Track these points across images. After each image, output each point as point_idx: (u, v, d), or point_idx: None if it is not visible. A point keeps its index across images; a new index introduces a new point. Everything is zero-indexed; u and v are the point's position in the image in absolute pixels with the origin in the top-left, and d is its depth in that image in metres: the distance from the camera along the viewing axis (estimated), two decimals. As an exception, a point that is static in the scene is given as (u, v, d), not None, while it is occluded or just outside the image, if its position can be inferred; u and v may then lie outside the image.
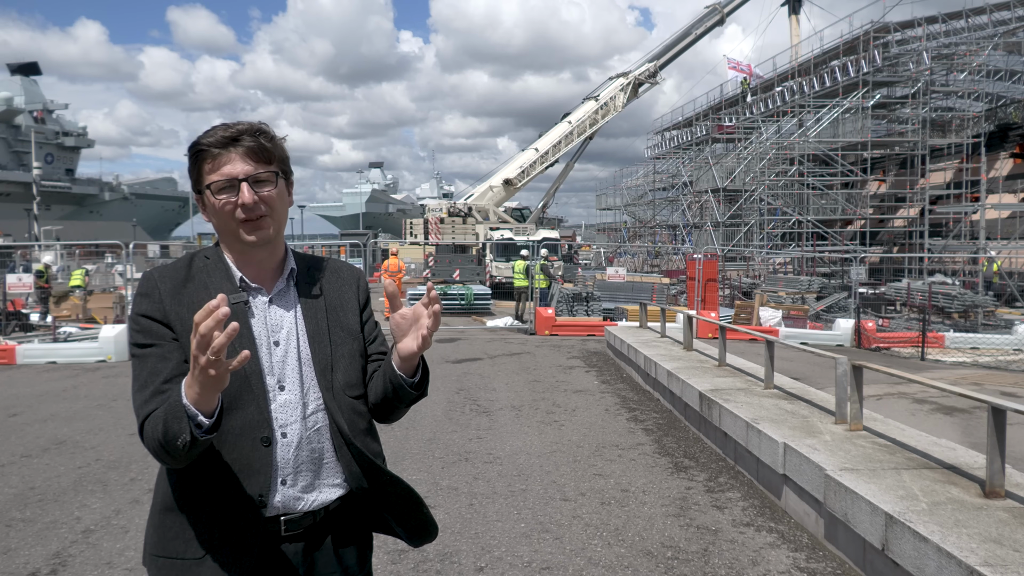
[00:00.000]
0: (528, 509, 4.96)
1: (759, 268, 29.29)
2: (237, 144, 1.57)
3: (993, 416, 3.79)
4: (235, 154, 1.57)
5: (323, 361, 1.65)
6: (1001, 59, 30.84)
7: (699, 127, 44.46)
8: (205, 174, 1.58)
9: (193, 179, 1.62)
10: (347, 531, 1.70)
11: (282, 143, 1.66)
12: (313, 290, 1.71)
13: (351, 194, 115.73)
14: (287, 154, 1.68)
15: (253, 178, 1.57)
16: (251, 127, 1.60)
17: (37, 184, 47.75)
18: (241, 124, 1.60)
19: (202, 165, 1.58)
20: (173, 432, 1.40)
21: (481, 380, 10.11)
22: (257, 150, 1.58)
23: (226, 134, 1.57)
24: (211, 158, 1.57)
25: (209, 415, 1.40)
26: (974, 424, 7.60)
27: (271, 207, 1.60)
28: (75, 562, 4.12)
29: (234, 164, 1.56)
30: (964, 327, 17.55)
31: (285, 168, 1.66)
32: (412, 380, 1.67)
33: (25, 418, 7.86)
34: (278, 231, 1.65)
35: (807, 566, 4.10)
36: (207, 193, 1.58)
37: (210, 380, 1.33)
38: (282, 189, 1.64)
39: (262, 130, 1.61)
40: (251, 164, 1.57)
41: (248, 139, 1.58)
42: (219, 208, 1.57)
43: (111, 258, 33.82)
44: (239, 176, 1.56)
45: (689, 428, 7.29)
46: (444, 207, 40.13)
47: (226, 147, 1.57)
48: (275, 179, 1.61)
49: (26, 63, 74.01)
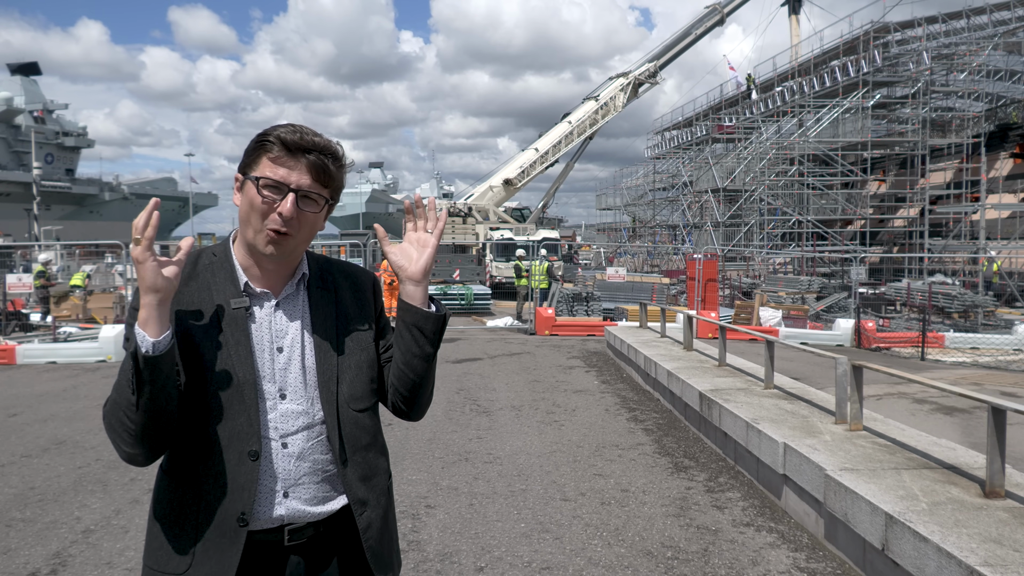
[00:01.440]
0: (528, 509, 4.96)
1: (759, 268, 29.28)
2: (307, 154, 1.53)
3: (993, 416, 3.79)
4: (300, 163, 1.52)
5: (328, 372, 1.60)
6: (1001, 59, 30.86)
7: (699, 127, 44.48)
8: (262, 165, 1.53)
9: (246, 161, 1.57)
10: (350, 543, 1.66)
11: (345, 172, 1.62)
12: (325, 296, 1.65)
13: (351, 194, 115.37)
14: (344, 184, 1.64)
15: (303, 193, 1.53)
16: (327, 145, 1.56)
17: (37, 184, 47.74)
18: (319, 136, 1.55)
19: (263, 155, 1.53)
20: (125, 378, 1.39)
21: (481, 380, 10.11)
22: (322, 169, 1.54)
23: (301, 140, 1.52)
24: (277, 154, 1.52)
25: (156, 335, 1.39)
26: (974, 424, 7.60)
27: (303, 227, 1.55)
28: (75, 562, 4.12)
29: (296, 172, 1.52)
30: (964, 327, 17.55)
31: (335, 197, 1.61)
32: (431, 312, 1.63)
33: (25, 418, 7.86)
34: (295, 250, 1.59)
35: (807, 566, 4.10)
36: (251, 183, 1.53)
37: (142, 273, 1.36)
38: (321, 214, 1.59)
39: (335, 153, 1.57)
40: (308, 179, 1.53)
41: (319, 155, 1.54)
42: (258, 203, 1.52)
43: (111, 258, 33.81)
44: (291, 185, 1.51)
45: (689, 428, 7.29)
46: (444, 207, 39.91)
47: (295, 152, 1.52)
48: (323, 204, 1.57)
49: (26, 63, 74.02)
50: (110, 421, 1.47)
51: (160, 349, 1.39)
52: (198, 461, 1.51)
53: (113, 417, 1.46)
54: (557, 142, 42.64)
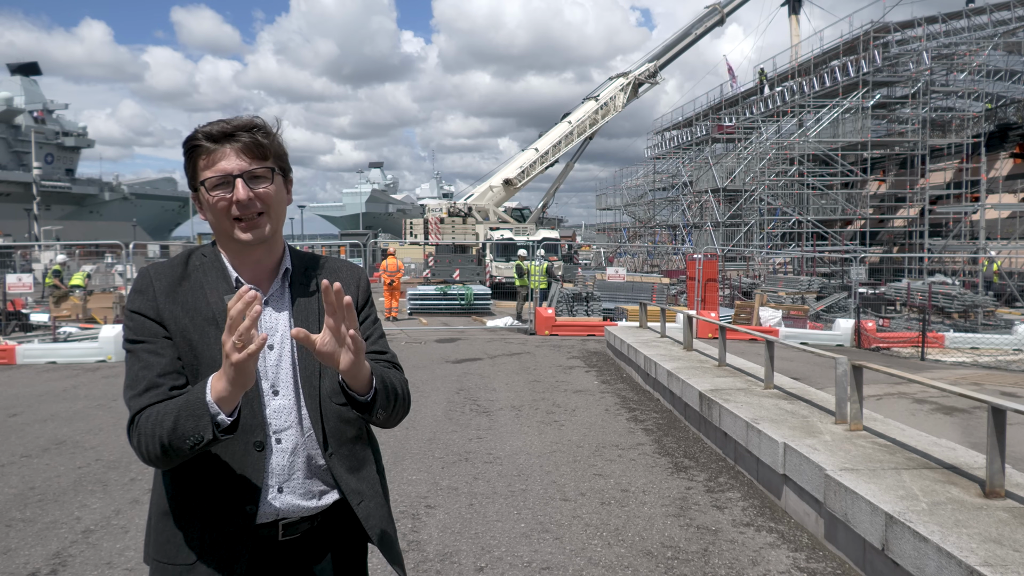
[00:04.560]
0: (528, 509, 4.96)
1: (759, 268, 29.28)
2: (232, 139, 1.52)
3: (993, 416, 3.79)
4: (230, 150, 1.52)
5: (310, 367, 1.61)
6: (1001, 59, 30.85)
7: (699, 127, 44.45)
8: (200, 170, 1.53)
9: (188, 176, 1.57)
10: (344, 534, 1.69)
11: (280, 139, 1.61)
12: (308, 291, 1.66)
13: (351, 194, 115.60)
14: (285, 150, 1.63)
15: (249, 174, 1.52)
16: (247, 122, 1.55)
17: (37, 184, 47.80)
18: (236, 119, 1.55)
19: (197, 161, 1.54)
20: (185, 430, 1.38)
21: (481, 380, 10.11)
22: (253, 146, 1.53)
23: (221, 129, 1.52)
24: (206, 154, 1.53)
25: (230, 414, 1.39)
26: (974, 424, 7.60)
27: (267, 204, 1.55)
28: (75, 562, 4.12)
29: (229, 160, 1.52)
30: (964, 327, 17.55)
31: (283, 165, 1.61)
32: (364, 398, 1.53)
33: (25, 418, 7.86)
34: (275, 229, 1.60)
35: (807, 566, 4.10)
36: (202, 190, 1.54)
37: (237, 370, 1.32)
38: (279, 186, 1.59)
39: (258, 125, 1.56)
40: (246, 160, 1.52)
41: (244, 134, 1.53)
42: (214, 204, 1.53)
43: (111, 258, 33.84)
44: (234, 172, 1.51)
45: (689, 428, 7.29)
46: (444, 207, 40.10)
47: (220, 142, 1.52)
48: (271, 175, 1.56)
49: (26, 63, 74.04)
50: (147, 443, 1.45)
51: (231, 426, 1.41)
52: (207, 455, 1.52)
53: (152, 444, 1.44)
54: (557, 142, 42.65)
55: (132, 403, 1.49)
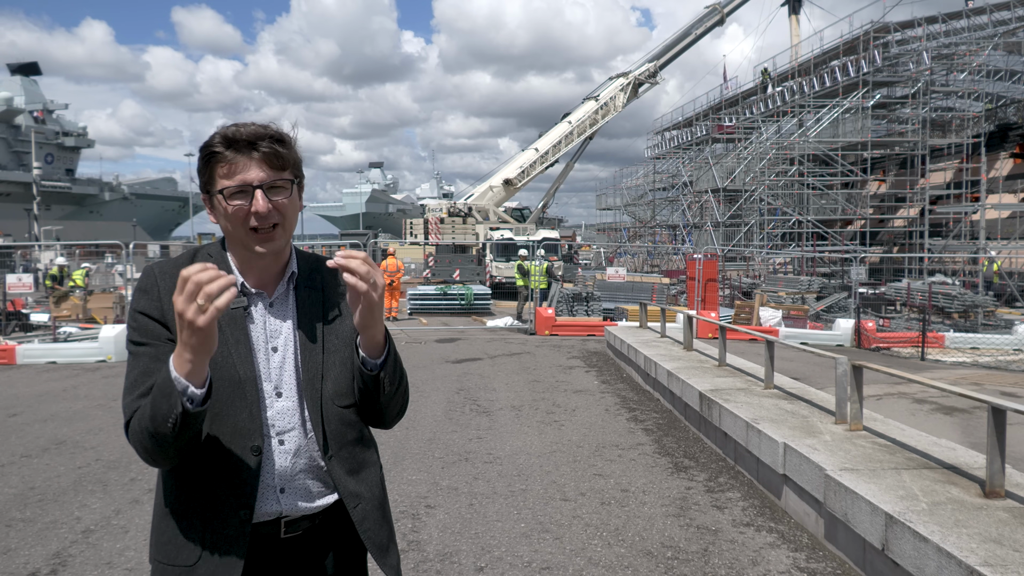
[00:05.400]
0: (528, 509, 4.96)
1: (759, 268, 29.28)
2: (254, 149, 1.52)
3: (993, 416, 3.79)
4: (252, 160, 1.52)
5: (313, 369, 1.62)
6: (1001, 59, 30.86)
7: (699, 127, 44.46)
8: (218, 178, 1.53)
9: (204, 180, 1.57)
10: (344, 533, 1.70)
11: (296, 148, 1.61)
12: (312, 294, 1.67)
13: (351, 194, 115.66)
14: (300, 158, 1.63)
15: (268, 185, 1.53)
16: (269, 132, 1.54)
17: (37, 184, 47.80)
18: (258, 128, 1.54)
19: (215, 168, 1.53)
20: (162, 413, 1.38)
21: (481, 380, 10.11)
22: (273, 156, 1.53)
23: (243, 138, 1.52)
24: (226, 162, 1.52)
25: (200, 385, 1.39)
26: (974, 424, 7.60)
27: (283, 215, 1.56)
28: (75, 562, 4.12)
29: (250, 170, 1.51)
30: (964, 327, 17.54)
31: (298, 173, 1.61)
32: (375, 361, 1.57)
33: (25, 418, 7.86)
34: (287, 240, 1.61)
35: (807, 566, 4.10)
36: (218, 197, 1.54)
37: (200, 336, 1.32)
38: (294, 196, 1.60)
39: (279, 136, 1.56)
40: (267, 171, 1.52)
41: (265, 145, 1.53)
42: (231, 213, 1.53)
43: (111, 258, 33.85)
44: (254, 183, 1.51)
45: (689, 428, 7.29)
46: (444, 207, 40.12)
47: (241, 151, 1.52)
48: (290, 187, 1.57)
49: (26, 63, 74.10)
50: (140, 439, 1.47)
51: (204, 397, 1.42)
52: (204, 457, 1.53)
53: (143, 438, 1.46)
54: (557, 142, 42.65)
55: (127, 408, 1.51)
